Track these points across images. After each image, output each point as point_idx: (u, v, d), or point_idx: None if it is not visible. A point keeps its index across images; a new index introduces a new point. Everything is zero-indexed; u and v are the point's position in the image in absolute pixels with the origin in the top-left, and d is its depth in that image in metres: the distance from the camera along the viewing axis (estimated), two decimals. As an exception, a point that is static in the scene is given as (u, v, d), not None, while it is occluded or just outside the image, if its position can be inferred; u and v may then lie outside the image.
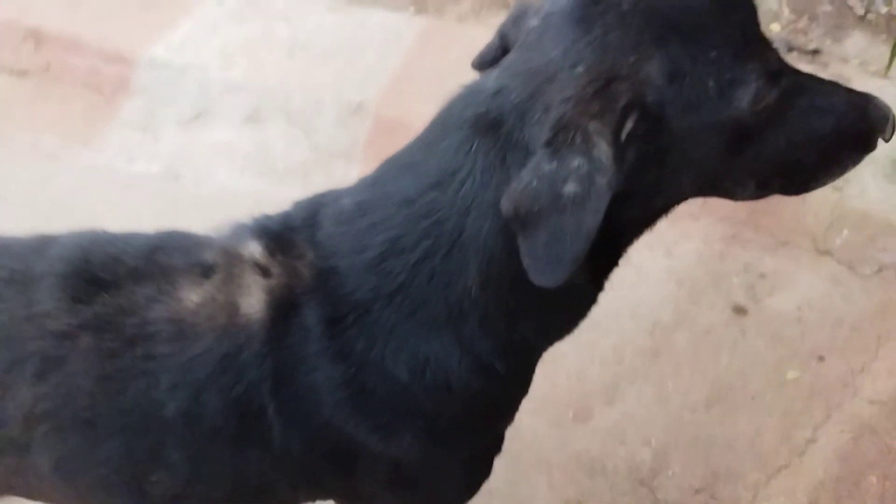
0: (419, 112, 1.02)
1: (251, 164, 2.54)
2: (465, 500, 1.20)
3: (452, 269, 0.93)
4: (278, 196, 1.16)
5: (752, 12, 0.90)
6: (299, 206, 1.08)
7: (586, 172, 0.80)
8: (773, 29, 2.72)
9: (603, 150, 0.81)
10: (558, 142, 0.82)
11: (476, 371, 1.00)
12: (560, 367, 1.97)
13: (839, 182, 2.16)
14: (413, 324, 0.97)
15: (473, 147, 0.90)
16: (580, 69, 0.84)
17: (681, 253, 2.16)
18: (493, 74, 0.93)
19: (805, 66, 2.51)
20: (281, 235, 1.04)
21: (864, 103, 0.95)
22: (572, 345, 1.98)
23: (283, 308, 0.99)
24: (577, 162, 0.80)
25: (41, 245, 1.06)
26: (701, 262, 2.14)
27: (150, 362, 0.98)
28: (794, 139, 0.93)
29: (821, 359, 1.92)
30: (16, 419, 0.99)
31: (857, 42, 2.65)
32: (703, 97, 0.85)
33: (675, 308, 2.05)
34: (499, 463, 1.84)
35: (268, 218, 1.08)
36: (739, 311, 2.04)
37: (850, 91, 0.97)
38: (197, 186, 2.47)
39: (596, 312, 2.03)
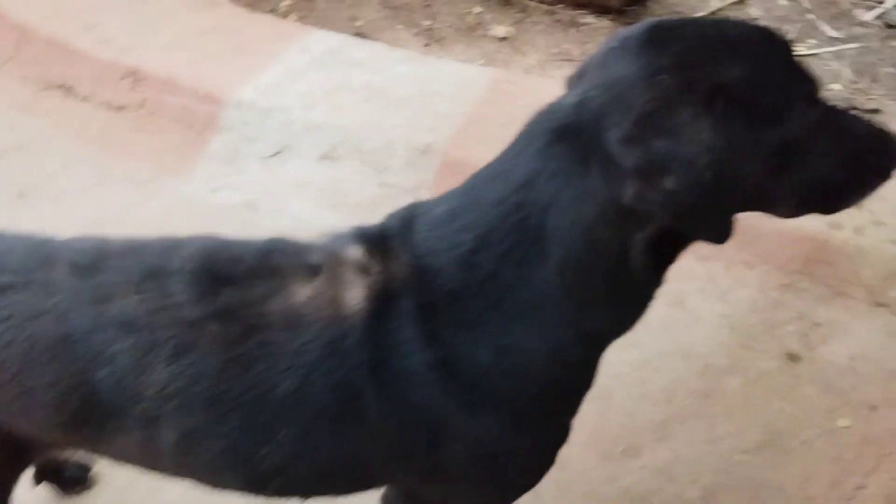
0: (484, 155, 1.14)
1: (325, 198, 2.69)
2: (531, 485, 1.28)
3: (535, 260, 1.05)
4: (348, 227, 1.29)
5: (786, 44, 1.04)
6: (394, 216, 1.20)
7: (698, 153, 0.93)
8: (833, 88, 2.78)
9: (707, 129, 0.93)
10: (653, 130, 0.94)
11: (552, 358, 1.10)
12: (611, 403, 2.02)
13: (895, 235, 2.21)
14: (498, 312, 1.08)
15: (556, 151, 1.02)
16: (661, 77, 0.96)
17: (735, 299, 2.21)
18: (572, 93, 1.06)
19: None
20: (379, 240, 1.16)
21: (884, 135, 1.08)
22: (622, 382, 2.06)
23: (381, 299, 1.10)
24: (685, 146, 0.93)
25: (174, 245, 1.20)
26: (755, 310, 2.18)
27: (268, 347, 1.10)
28: (829, 159, 1.04)
29: (873, 408, 1.93)
30: (150, 395, 1.11)
31: (919, 103, 2.69)
32: (761, 113, 0.97)
33: (728, 352, 2.09)
34: (548, 493, 1.90)
35: (366, 227, 1.20)
36: (793, 358, 2.07)
37: (871, 122, 1.10)
38: (274, 217, 2.62)
39: (648, 353, 2.10)
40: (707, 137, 0.93)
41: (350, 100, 2.95)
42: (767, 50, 1.02)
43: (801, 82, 1.02)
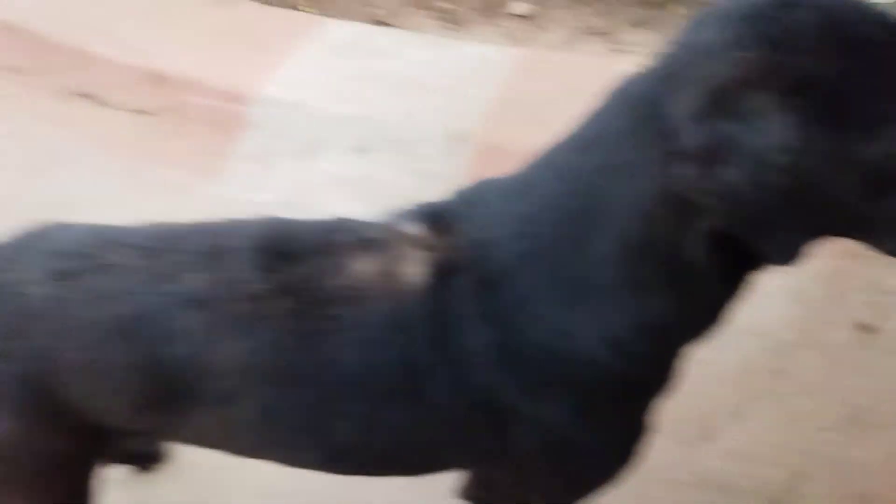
0: (518, 138, 1.07)
1: (361, 193, 2.62)
2: (606, 481, 1.21)
3: (593, 234, 0.96)
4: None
5: None
6: (462, 192, 1.14)
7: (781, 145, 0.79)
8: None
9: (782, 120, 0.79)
10: (723, 110, 0.81)
11: (611, 349, 1.01)
12: (683, 385, 1.96)
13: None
14: (553, 291, 1.00)
15: (619, 120, 0.94)
16: (747, 53, 0.82)
17: (799, 271, 2.14)
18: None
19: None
20: (441, 216, 1.11)
21: None
22: (693, 364, 1.99)
23: (441, 274, 1.06)
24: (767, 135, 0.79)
25: (233, 226, 1.17)
26: (820, 280, 2.11)
27: (333, 322, 1.07)
28: None
29: (957, 377, 1.87)
30: (226, 370, 1.08)
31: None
32: (860, 122, 0.80)
33: (797, 327, 2.02)
34: (627, 481, 1.85)
35: (430, 203, 1.15)
36: (866, 329, 2.00)
37: None
38: (311, 214, 2.55)
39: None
40: (784, 134, 0.79)
41: (377, 90, 2.88)
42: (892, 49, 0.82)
43: None
